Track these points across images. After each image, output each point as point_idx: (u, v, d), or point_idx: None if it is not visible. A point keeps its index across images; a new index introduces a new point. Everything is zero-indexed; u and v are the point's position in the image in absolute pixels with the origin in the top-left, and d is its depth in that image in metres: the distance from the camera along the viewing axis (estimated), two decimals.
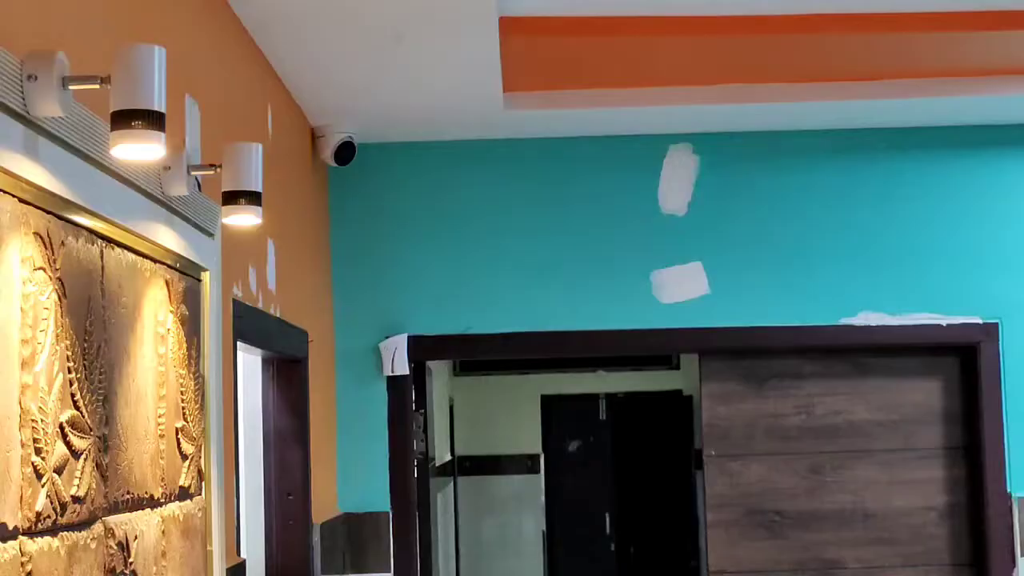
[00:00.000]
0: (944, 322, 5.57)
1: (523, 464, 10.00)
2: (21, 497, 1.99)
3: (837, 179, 5.63)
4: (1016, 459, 5.53)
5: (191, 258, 3.03)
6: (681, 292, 5.58)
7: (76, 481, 2.23)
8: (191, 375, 3.02)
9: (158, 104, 2.17)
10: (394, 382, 5.56)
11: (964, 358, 5.68)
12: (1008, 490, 5.53)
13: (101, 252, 2.42)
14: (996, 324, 5.57)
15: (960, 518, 5.68)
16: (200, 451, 3.09)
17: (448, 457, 9.15)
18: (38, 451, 2.06)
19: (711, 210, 5.61)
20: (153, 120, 2.16)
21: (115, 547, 2.43)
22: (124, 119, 2.15)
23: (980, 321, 5.57)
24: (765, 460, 5.72)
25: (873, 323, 5.56)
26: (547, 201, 5.63)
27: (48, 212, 2.15)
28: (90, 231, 2.36)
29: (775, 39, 4.78)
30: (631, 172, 5.63)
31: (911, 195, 5.62)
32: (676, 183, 5.62)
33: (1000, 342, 5.56)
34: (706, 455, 5.75)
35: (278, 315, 4.40)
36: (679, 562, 10.05)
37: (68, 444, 2.19)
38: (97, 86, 2.16)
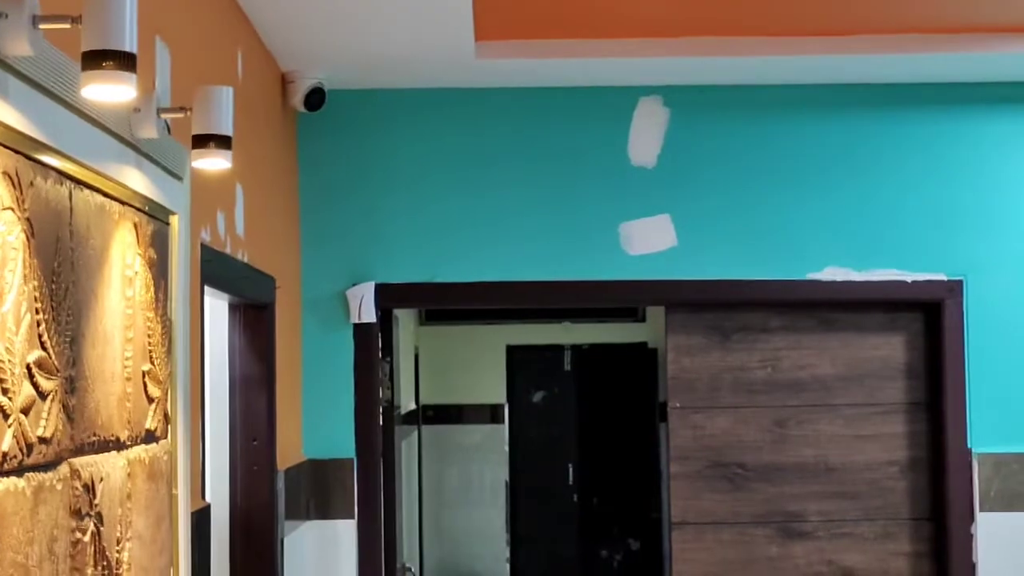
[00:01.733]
0: (909, 279, 5.60)
1: (487, 414, 10.03)
2: None
3: (806, 134, 5.64)
4: (977, 415, 5.58)
5: (160, 201, 3.02)
6: (649, 244, 5.59)
7: (43, 422, 2.22)
8: (158, 318, 3.01)
9: (129, 45, 2.15)
10: (361, 329, 5.57)
11: (928, 315, 5.72)
12: (968, 446, 5.58)
13: (70, 193, 2.41)
14: (960, 281, 5.60)
15: (921, 473, 5.73)
16: (166, 395, 3.09)
17: (413, 406, 9.17)
18: (4, 391, 2.05)
19: (680, 163, 5.62)
20: (124, 61, 2.14)
21: (81, 489, 2.43)
22: (95, 59, 2.13)
23: (945, 278, 5.61)
24: (729, 413, 5.75)
25: (839, 279, 5.59)
26: (517, 151, 5.62)
27: (17, 152, 2.13)
28: (59, 172, 2.35)
29: None
30: (601, 123, 5.63)
31: (879, 151, 5.64)
32: (646, 135, 5.62)
33: (964, 299, 5.60)
34: (671, 407, 5.77)
35: (246, 260, 4.39)
36: (641, 513, 10.12)
37: (35, 385, 2.19)
38: (68, 25, 2.15)
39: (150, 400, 2.94)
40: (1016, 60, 5.30)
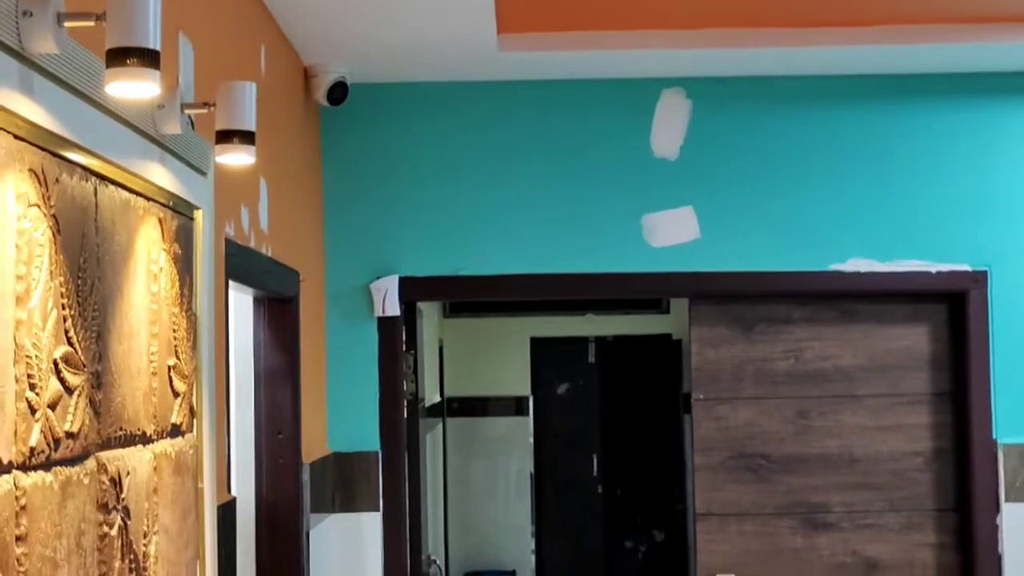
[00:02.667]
0: (933, 269, 5.59)
1: (512, 406, 10.03)
2: (15, 432, 2.01)
3: (829, 125, 5.63)
4: (1002, 406, 5.56)
5: (184, 196, 3.04)
6: (672, 236, 5.59)
7: (70, 417, 2.24)
8: (183, 313, 3.03)
9: (153, 42, 2.17)
10: (385, 323, 5.58)
11: (952, 305, 5.70)
12: (993, 436, 5.57)
13: (95, 189, 2.43)
14: (985, 272, 5.59)
15: (945, 463, 5.72)
16: (192, 389, 3.10)
17: (437, 398, 9.18)
18: (32, 387, 2.07)
19: (703, 155, 5.62)
20: (148, 58, 2.16)
21: (108, 483, 2.45)
22: (119, 56, 2.15)
23: (969, 269, 5.59)
24: (753, 404, 5.75)
25: (863, 269, 5.58)
26: (539, 143, 5.63)
27: (43, 149, 2.15)
28: (84, 168, 2.36)
29: None
30: (624, 116, 5.63)
31: (903, 142, 5.62)
32: (668, 127, 5.62)
33: (989, 290, 5.59)
34: (694, 398, 5.78)
35: (270, 254, 4.40)
36: (666, 504, 10.12)
37: (62, 380, 2.21)
38: (92, 23, 2.16)
39: (176, 394, 2.96)
40: None
